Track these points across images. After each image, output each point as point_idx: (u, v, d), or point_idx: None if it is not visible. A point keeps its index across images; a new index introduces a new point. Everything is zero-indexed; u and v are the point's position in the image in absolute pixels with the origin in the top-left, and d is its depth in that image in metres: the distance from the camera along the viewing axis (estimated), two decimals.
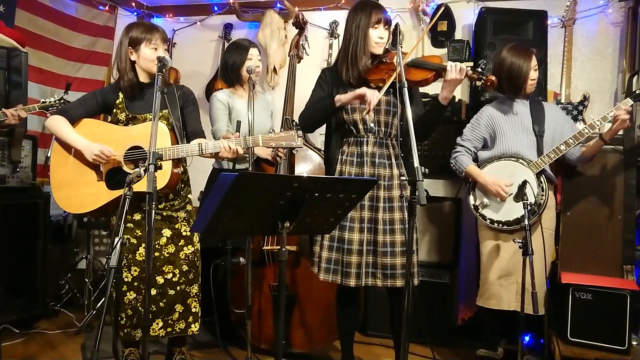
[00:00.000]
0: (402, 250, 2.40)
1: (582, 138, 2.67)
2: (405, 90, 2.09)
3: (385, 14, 2.49)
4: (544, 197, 2.68)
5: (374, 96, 2.30)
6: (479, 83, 2.41)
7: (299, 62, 3.12)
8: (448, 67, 2.34)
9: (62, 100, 2.96)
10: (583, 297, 2.81)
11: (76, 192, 2.47)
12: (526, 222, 2.38)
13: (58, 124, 2.47)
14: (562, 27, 3.67)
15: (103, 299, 3.11)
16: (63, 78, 4.16)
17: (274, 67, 4.15)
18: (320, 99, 2.54)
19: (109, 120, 2.64)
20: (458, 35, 3.96)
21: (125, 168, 2.43)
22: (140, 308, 2.48)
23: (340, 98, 2.41)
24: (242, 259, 2.90)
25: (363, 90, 2.33)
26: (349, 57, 2.47)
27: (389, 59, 2.48)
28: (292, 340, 3.02)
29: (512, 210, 2.68)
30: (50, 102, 2.88)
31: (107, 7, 4.62)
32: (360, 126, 2.48)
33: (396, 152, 2.51)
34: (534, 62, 2.75)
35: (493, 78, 2.39)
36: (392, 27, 2.52)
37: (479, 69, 2.40)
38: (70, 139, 2.45)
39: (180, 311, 2.55)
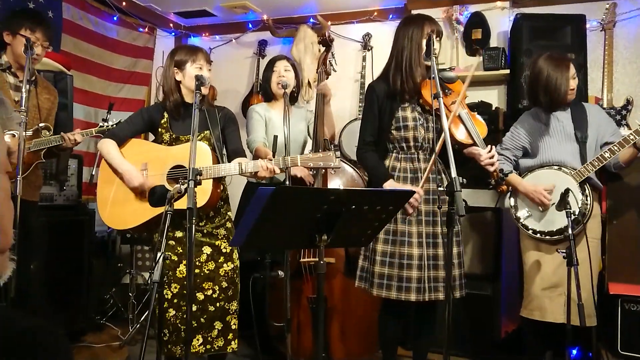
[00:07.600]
0: (459, 262, 2.49)
1: (627, 145, 2.55)
2: (441, 100, 2.10)
3: (437, 25, 2.48)
4: (588, 206, 2.60)
5: (415, 200, 2.34)
6: (492, 182, 2.48)
7: (327, 78, 3.17)
8: (482, 152, 2.35)
9: (114, 125, 2.93)
10: (633, 309, 2.71)
11: (121, 209, 2.55)
12: (570, 232, 2.30)
13: (107, 148, 2.58)
14: (601, 31, 3.58)
15: (147, 313, 3.18)
16: (106, 99, 4.30)
17: (308, 81, 4.20)
18: (373, 119, 2.52)
19: (153, 139, 2.72)
20: (493, 42, 3.91)
21: (167, 186, 2.50)
22: (180, 325, 2.52)
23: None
24: (280, 272, 2.92)
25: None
26: (402, 69, 2.45)
27: (450, 92, 2.48)
28: (332, 353, 3.01)
29: (554, 221, 2.62)
30: (106, 126, 2.91)
31: (146, 29, 4.77)
32: (412, 143, 2.48)
33: (440, 167, 2.51)
34: (572, 71, 2.67)
35: (504, 188, 2.64)
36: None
37: (502, 174, 2.54)
38: (115, 163, 2.56)
39: (220, 328, 2.58)
